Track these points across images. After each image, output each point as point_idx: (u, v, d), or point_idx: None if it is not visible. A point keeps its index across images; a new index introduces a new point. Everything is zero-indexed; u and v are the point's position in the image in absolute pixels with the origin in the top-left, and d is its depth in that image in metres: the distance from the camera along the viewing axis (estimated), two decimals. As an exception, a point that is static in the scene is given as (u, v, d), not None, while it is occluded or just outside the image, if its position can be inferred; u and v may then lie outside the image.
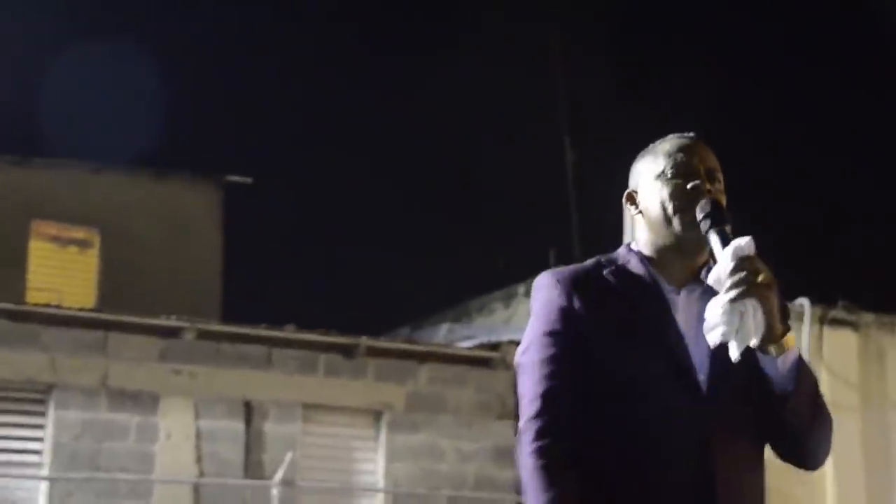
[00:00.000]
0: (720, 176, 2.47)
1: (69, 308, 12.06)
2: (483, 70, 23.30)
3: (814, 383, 2.36)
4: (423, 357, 13.00)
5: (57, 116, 21.50)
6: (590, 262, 2.51)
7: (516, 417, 2.46)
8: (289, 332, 12.47)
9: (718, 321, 2.19)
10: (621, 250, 2.52)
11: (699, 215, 2.34)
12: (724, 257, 2.23)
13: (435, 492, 12.60)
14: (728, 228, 2.32)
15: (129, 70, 22.84)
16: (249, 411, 12.02)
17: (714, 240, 2.30)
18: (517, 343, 2.63)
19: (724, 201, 2.44)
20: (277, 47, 27.54)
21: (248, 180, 18.61)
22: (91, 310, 12.68)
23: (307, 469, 12.09)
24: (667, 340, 2.36)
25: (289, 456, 11.40)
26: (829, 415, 2.42)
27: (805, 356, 12.83)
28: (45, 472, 10.97)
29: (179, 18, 24.84)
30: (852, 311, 15.09)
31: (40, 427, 11.16)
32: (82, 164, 17.28)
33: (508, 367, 12.06)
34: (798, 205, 23.28)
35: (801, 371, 2.31)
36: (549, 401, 2.34)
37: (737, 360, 2.21)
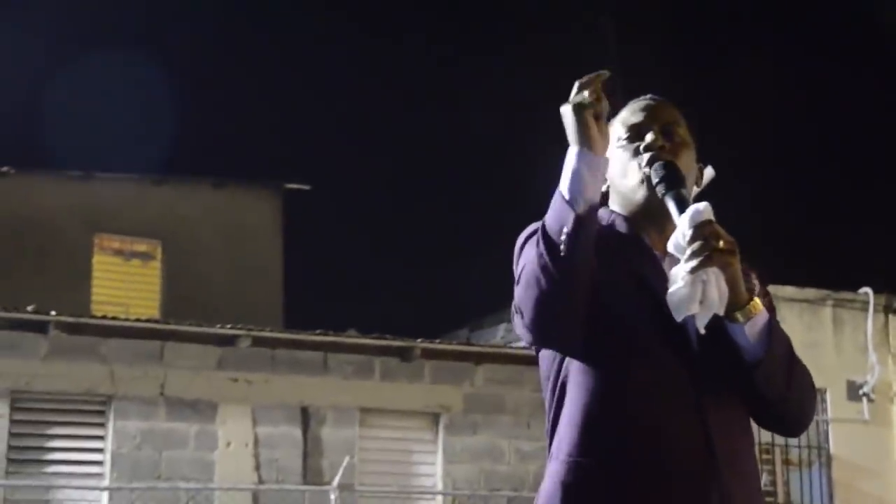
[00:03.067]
0: (679, 129, 2.40)
1: (126, 319, 12.22)
2: (531, 64, 23.17)
3: (787, 345, 2.28)
4: (480, 358, 12.98)
5: (116, 130, 21.86)
6: None
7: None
8: (344, 337, 12.51)
9: (682, 294, 2.12)
10: (601, 212, 2.41)
11: (654, 180, 2.28)
12: (682, 224, 2.14)
13: (494, 493, 12.58)
14: (685, 191, 2.24)
15: (185, 83, 23.11)
16: (307, 417, 12.09)
17: (671, 204, 2.23)
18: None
19: (687, 156, 2.37)
20: (335, 56, 27.70)
21: (307, 187, 18.72)
22: (148, 320, 12.83)
23: (365, 473, 12.13)
24: (663, 302, 2.26)
25: (346, 460, 11.43)
26: (808, 377, 2.34)
27: (870, 346, 12.29)
28: (105, 482, 11.13)
29: (237, 33, 25.10)
30: (918, 299, 14.77)
31: (100, 438, 11.34)
32: (143, 177, 17.49)
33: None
34: (862, 195, 22.89)
35: (773, 335, 2.23)
36: None
37: (704, 331, 2.16)
